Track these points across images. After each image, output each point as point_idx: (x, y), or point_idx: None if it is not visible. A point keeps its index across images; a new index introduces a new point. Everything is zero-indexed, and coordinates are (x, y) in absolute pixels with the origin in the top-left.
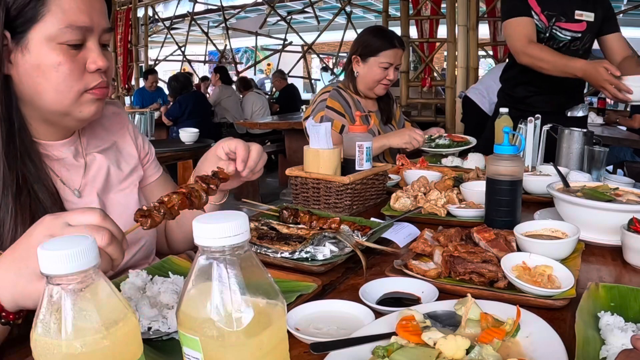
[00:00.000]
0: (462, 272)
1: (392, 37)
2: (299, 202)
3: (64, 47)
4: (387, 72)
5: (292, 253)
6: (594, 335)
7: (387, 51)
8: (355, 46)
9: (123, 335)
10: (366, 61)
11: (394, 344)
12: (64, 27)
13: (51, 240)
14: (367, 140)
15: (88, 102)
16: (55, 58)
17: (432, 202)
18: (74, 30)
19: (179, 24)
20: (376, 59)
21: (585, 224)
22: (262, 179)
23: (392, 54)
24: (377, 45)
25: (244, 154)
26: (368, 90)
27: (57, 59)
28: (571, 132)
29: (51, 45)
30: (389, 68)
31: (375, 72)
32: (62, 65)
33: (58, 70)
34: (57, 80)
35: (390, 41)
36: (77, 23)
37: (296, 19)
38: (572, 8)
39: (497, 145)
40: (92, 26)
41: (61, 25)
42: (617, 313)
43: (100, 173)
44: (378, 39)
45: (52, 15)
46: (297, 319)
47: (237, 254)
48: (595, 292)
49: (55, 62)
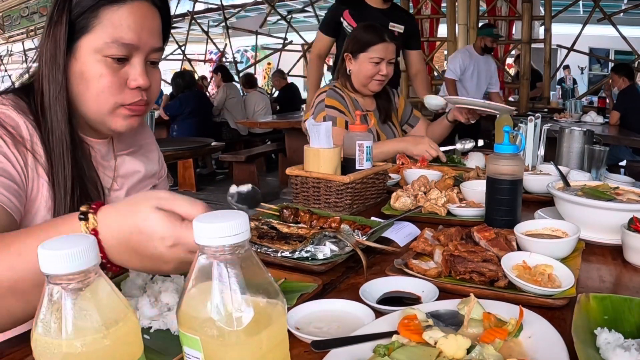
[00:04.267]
0: (462, 272)
1: (382, 32)
2: (299, 202)
3: (108, 60)
4: (379, 68)
5: (293, 252)
6: (594, 355)
7: (377, 46)
8: (347, 43)
9: (123, 334)
10: (357, 58)
11: (395, 343)
12: (111, 41)
13: (52, 240)
14: (367, 139)
15: (122, 116)
16: (98, 69)
17: (432, 202)
18: (120, 45)
19: (179, 23)
20: (366, 54)
21: (586, 223)
22: (262, 178)
23: (382, 48)
24: (366, 40)
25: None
26: (362, 87)
27: (100, 71)
28: (572, 131)
29: (97, 57)
30: (381, 63)
31: (366, 68)
32: (103, 77)
33: (99, 82)
34: (96, 90)
35: (380, 35)
36: (123, 40)
37: (296, 18)
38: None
39: (497, 144)
40: (139, 45)
41: (108, 40)
42: (612, 328)
43: (127, 174)
44: (367, 34)
45: (102, 28)
46: (298, 318)
47: (238, 253)
48: (586, 304)
49: (98, 73)
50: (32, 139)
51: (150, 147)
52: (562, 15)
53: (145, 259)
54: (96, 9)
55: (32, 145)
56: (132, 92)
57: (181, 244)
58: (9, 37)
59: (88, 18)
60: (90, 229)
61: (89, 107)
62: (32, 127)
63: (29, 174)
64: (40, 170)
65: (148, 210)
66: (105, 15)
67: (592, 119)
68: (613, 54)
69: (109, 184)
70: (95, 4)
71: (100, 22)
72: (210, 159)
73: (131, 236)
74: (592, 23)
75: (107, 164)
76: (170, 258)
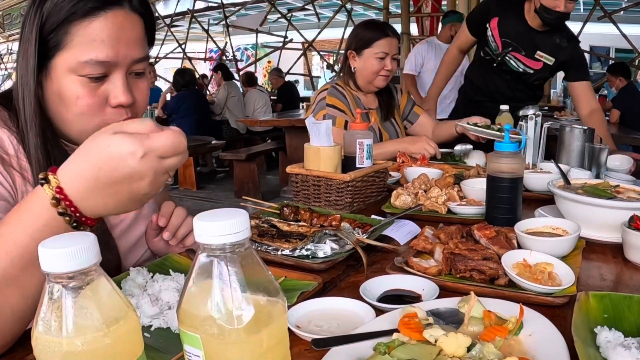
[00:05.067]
0: (462, 270)
1: (385, 27)
2: (299, 200)
3: (84, 80)
4: (384, 63)
5: (293, 250)
6: (595, 354)
7: (381, 41)
8: (350, 41)
9: (124, 333)
10: (361, 54)
11: (396, 341)
12: (84, 60)
13: (52, 239)
14: (368, 137)
15: None
16: (74, 90)
17: (432, 200)
18: (95, 64)
19: (179, 22)
20: (371, 50)
21: (586, 222)
22: (262, 177)
23: (386, 43)
24: (370, 36)
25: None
26: (368, 83)
27: (77, 92)
28: (572, 129)
29: (72, 77)
30: (386, 58)
31: (372, 64)
32: (80, 99)
33: (76, 104)
34: (75, 113)
35: (383, 30)
36: (98, 58)
37: (296, 17)
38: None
39: (497, 142)
40: (117, 60)
41: (82, 59)
42: (613, 326)
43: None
44: (370, 31)
45: (75, 46)
46: (298, 317)
47: (238, 252)
48: (586, 303)
49: (74, 95)
50: (18, 155)
51: None
52: None
53: (120, 188)
54: (67, 24)
55: (18, 162)
56: (114, 110)
57: (151, 151)
58: (9, 36)
59: (59, 34)
60: (54, 188)
61: (71, 128)
62: (16, 141)
63: (18, 194)
64: (29, 188)
65: (108, 137)
66: (77, 31)
67: None
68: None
69: None
70: (65, 18)
71: (73, 39)
72: (211, 157)
73: (100, 170)
74: (592, 21)
75: None
76: (145, 171)
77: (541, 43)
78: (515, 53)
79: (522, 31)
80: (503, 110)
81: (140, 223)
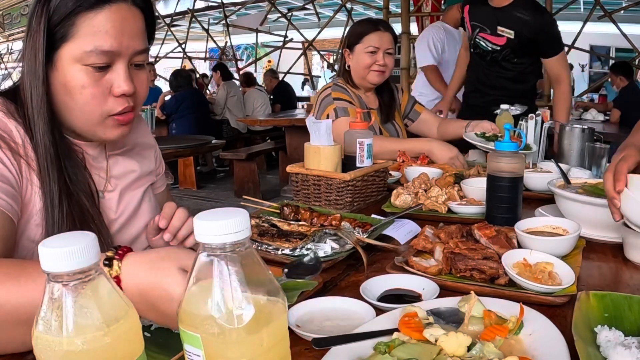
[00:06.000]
0: (463, 269)
1: (376, 22)
2: (299, 199)
3: (89, 70)
4: (376, 57)
5: (293, 250)
6: (595, 353)
7: (370, 35)
8: (344, 40)
9: (124, 332)
10: (353, 51)
11: (396, 340)
12: (90, 50)
13: (52, 238)
14: (368, 137)
15: (111, 127)
16: (80, 80)
17: (433, 199)
18: (99, 54)
19: (179, 21)
20: (361, 45)
21: (586, 221)
22: (262, 176)
23: (376, 37)
24: (360, 31)
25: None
26: (362, 79)
27: (82, 82)
28: (572, 129)
29: (77, 67)
30: (377, 53)
31: (362, 59)
32: (85, 88)
33: (82, 93)
34: (81, 102)
35: (373, 25)
36: (103, 47)
37: (297, 16)
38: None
39: (498, 142)
40: (120, 50)
41: (87, 48)
42: (613, 325)
43: (121, 174)
44: (361, 26)
45: (81, 36)
46: (298, 316)
47: (238, 251)
48: (586, 302)
49: (80, 84)
50: (25, 144)
51: (146, 145)
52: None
53: (160, 315)
54: (73, 16)
55: (25, 151)
56: (117, 99)
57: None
58: (9, 36)
59: (65, 26)
60: (113, 276)
61: (76, 118)
62: (23, 132)
63: (23, 181)
64: (33, 177)
65: (174, 270)
66: (83, 22)
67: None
68: (614, 51)
69: (103, 186)
70: (71, 11)
71: (78, 30)
72: (211, 156)
73: (152, 292)
74: (592, 20)
75: (99, 165)
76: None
77: (502, 18)
78: (483, 33)
79: (487, 11)
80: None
81: (139, 218)
